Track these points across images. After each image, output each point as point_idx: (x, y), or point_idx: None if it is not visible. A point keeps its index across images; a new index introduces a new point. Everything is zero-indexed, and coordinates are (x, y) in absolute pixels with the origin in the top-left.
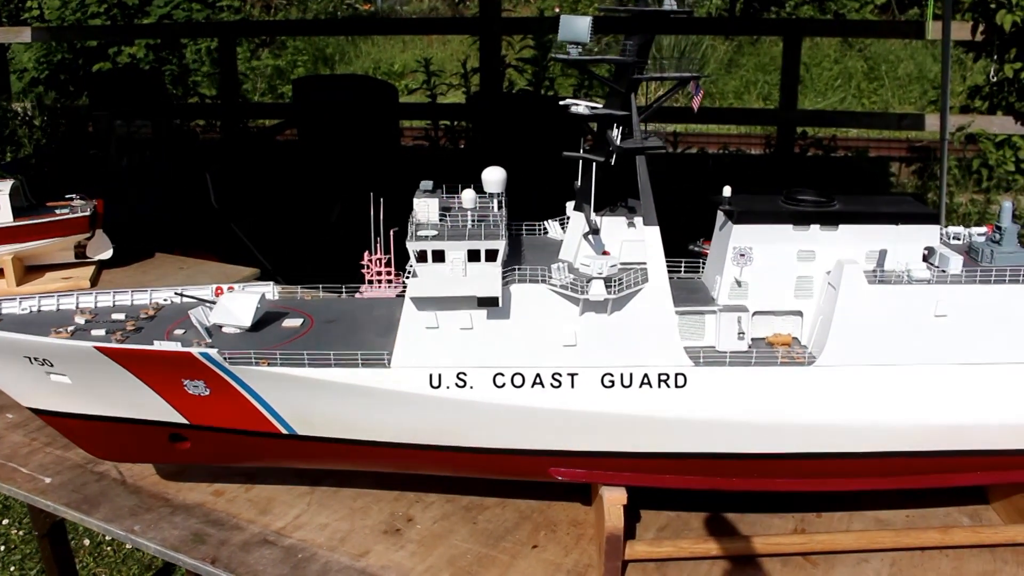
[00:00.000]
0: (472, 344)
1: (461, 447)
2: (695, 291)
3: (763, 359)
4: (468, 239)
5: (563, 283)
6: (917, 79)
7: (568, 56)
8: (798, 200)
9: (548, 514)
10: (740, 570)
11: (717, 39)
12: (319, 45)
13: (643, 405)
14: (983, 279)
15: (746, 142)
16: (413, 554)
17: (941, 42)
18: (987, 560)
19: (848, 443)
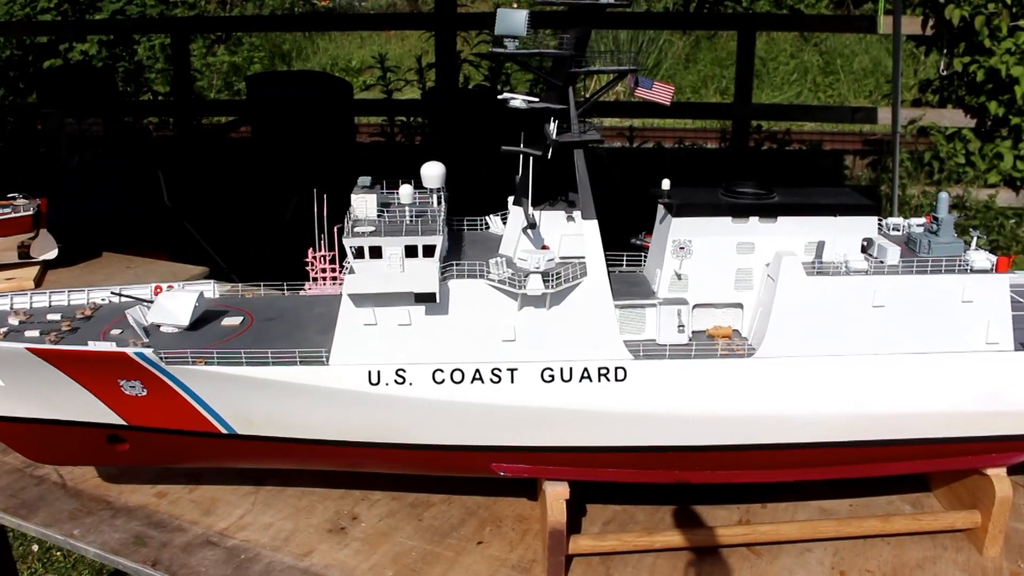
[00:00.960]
0: (411, 340)
1: (402, 444)
2: (636, 285)
3: (703, 352)
4: (405, 235)
5: (501, 278)
6: (872, 73)
7: (505, 50)
8: (737, 192)
9: (494, 510)
10: (685, 562)
11: (675, 34)
12: (276, 41)
13: (583, 399)
14: (919, 269)
15: (702, 136)
16: (357, 552)
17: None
18: (927, 547)
19: (788, 434)
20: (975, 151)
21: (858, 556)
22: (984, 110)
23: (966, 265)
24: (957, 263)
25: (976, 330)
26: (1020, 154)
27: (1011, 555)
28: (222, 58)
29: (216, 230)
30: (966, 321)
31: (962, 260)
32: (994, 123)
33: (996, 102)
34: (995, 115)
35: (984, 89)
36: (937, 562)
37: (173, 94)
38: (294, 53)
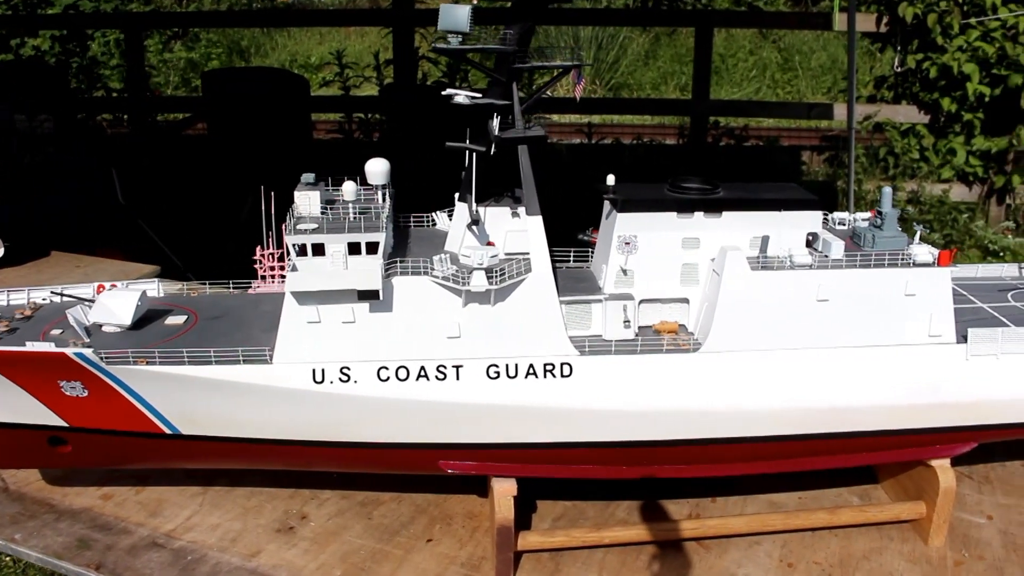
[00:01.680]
0: (355, 338)
1: (348, 442)
2: (582, 280)
3: (649, 347)
4: (348, 232)
5: (445, 275)
6: (830, 70)
7: (448, 46)
8: (682, 188)
9: (444, 507)
10: (634, 557)
11: (635, 31)
12: (234, 38)
13: (529, 396)
14: (863, 263)
15: (660, 132)
16: (306, 552)
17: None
18: (874, 538)
19: (735, 428)
20: (929, 147)
21: (806, 548)
22: (937, 106)
23: (909, 259)
24: (900, 257)
25: (919, 323)
26: (972, 150)
27: (955, 544)
28: (179, 54)
29: (172, 228)
30: (909, 314)
31: (905, 254)
32: (947, 119)
33: (949, 98)
34: (948, 111)
35: (937, 86)
36: (883, 553)
37: (127, 90)
38: (252, 49)
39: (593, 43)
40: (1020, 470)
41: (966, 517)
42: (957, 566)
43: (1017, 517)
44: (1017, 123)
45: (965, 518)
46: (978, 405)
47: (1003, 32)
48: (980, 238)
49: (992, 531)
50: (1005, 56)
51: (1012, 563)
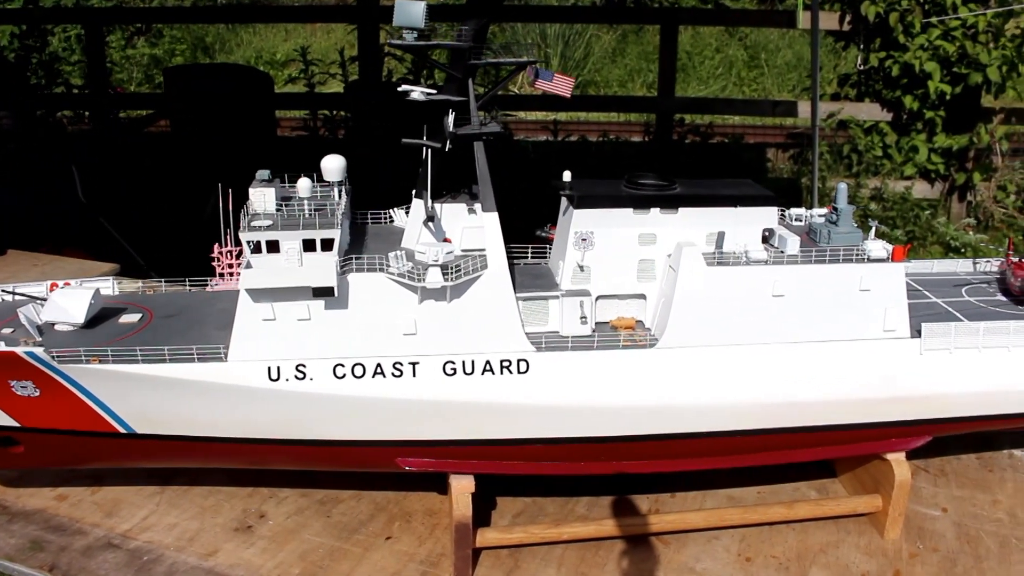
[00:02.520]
0: (311, 335)
1: (304, 440)
2: (540, 277)
3: (605, 343)
4: (303, 228)
5: (401, 271)
6: (795, 67)
7: (403, 42)
8: (639, 184)
9: (404, 505)
10: (592, 553)
11: (602, 28)
12: (199, 34)
13: (486, 392)
14: (818, 259)
15: (626, 130)
16: (264, 551)
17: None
18: (831, 531)
19: (692, 424)
20: (892, 144)
21: (764, 542)
22: (900, 104)
23: (863, 254)
24: (855, 253)
25: (874, 318)
26: (934, 147)
27: (910, 537)
28: (142, 50)
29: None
30: (864, 309)
31: (859, 250)
32: (909, 117)
33: (911, 96)
34: (910, 109)
35: (899, 84)
36: (840, 546)
37: (88, 87)
38: (217, 46)
39: (560, 40)
40: (975, 463)
41: (921, 510)
42: (912, 558)
43: (971, 509)
44: (977, 121)
45: (920, 511)
46: (932, 399)
47: (963, 31)
48: (942, 234)
49: (946, 523)
50: (965, 55)
51: (965, 554)
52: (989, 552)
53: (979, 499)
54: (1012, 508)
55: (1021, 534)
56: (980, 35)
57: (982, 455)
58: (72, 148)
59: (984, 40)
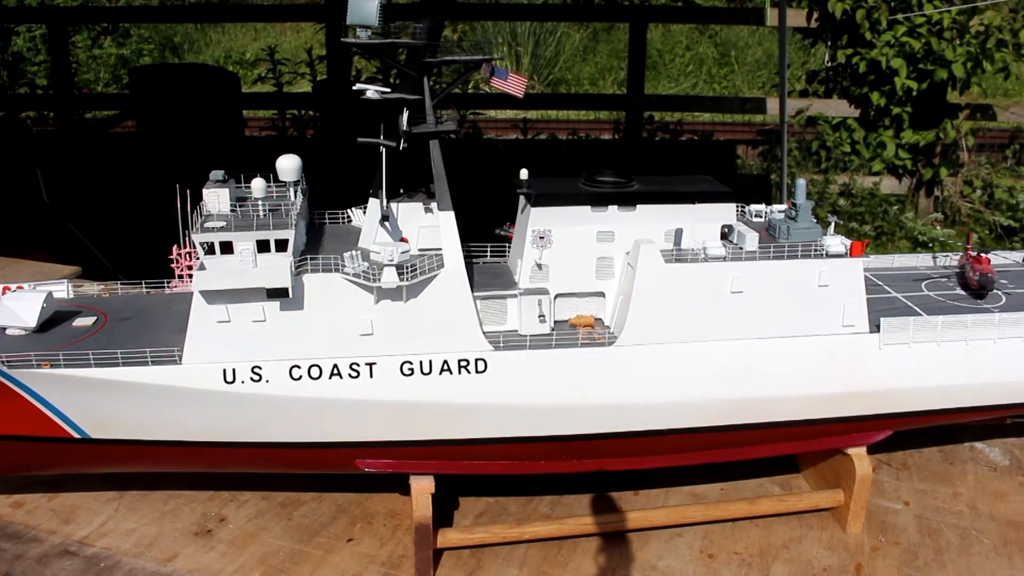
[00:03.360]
0: (266, 337)
1: (261, 443)
2: (498, 275)
3: (564, 341)
4: (257, 229)
5: (356, 272)
6: (765, 65)
7: (357, 39)
8: (597, 181)
9: (365, 506)
10: (555, 552)
11: (573, 26)
12: (167, 34)
13: (444, 392)
14: (776, 255)
15: (596, 128)
16: (223, 555)
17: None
18: (794, 526)
19: (652, 421)
20: (860, 140)
21: (727, 539)
22: (867, 100)
23: (822, 250)
24: (813, 248)
25: (832, 313)
26: (901, 143)
27: (872, 531)
28: (109, 50)
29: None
30: (823, 305)
31: (818, 245)
32: (877, 113)
33: (878, 93)
34: (877, 105)
35: (866, 80)
36: (803, 541)
37: (52, 87)
38: (186, 46)
39: (531, 39)
40: (936, 456)
41: (884, 504)
42: (873, 551)
43: (932, 502)
44: (943, 117)
45: (883, 504)
46: (891, 393)
47: (928, 28)
48: (910, 230)
49: (908, 516)
50: (931, 51)
51: (926, 547)
52: (950, 544)
53: (940, 492)
54: (973, 500)
55: (981, 526)
56: (945, 32)
57: (944, 448)
58: (36, 149)
59: (949, 37)
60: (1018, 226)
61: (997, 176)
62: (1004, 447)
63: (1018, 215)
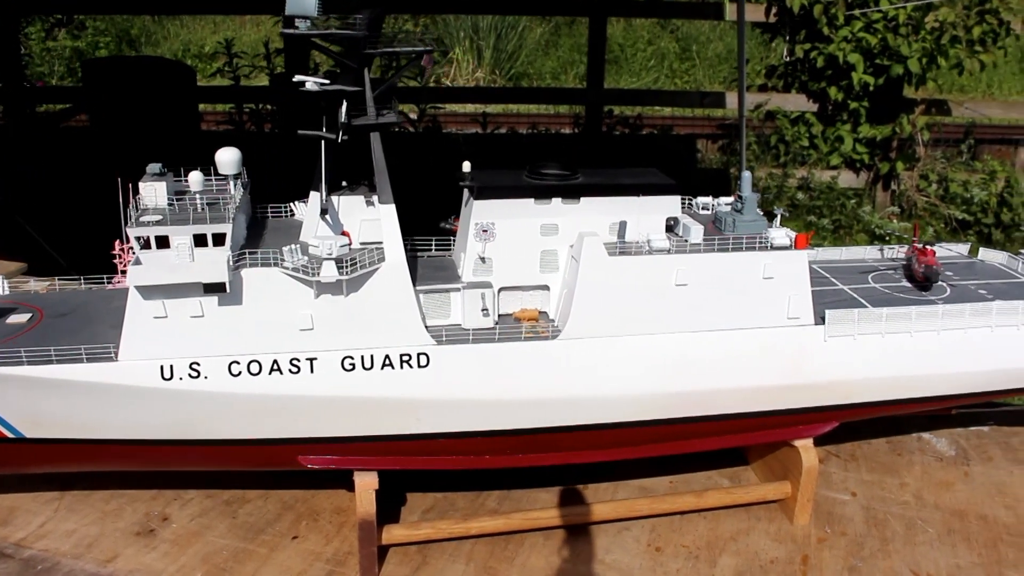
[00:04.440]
0: (204, 332)
1: (201, 440)
2: (442, 269)
3: (507, 335)
4: (193, 223)
5: (295, 266)
6: (726, 59)
7: (296, 30)
8: (541, 174)
9: (312, 503)
10: (502, 547)
11: (534, 20)
12: (123, 26)
13: (386, 387)
14: (721, 247)
15: (556, 122)
16: (165, 555)
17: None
18: (742, 519)
19: (596, 415)
20: (818, 134)
21: (674, 532)
22: (825, 95)
23: (766, 242)
24: (758, 241)
25: (778, 305)
26: (859, 137)
27: (819, 522)
28: (64, 43)
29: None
30: (768, 297)
31: (763, 238)
32: (834, 108)
33: (836, 87)
34: (835, 100)
35: (824, 75)
36: (750, 533)
37: (2, 80)
38: (143, 39)
39: (492, 33)
40: (884, 447)
41: (831, 495)
42: (820, 542)
43: (879, 493)
44: (900, 112)
45: (830, 495)
46: (837, 385)
47: (885, 24)
48: (867, 223)
49: (855, 507)
50: (887, 47)
51: (872, 537)
52: (895, 534)
53: (887, 482)
54: (919, 490)
55: (926, 515)
56: (901, 28)
57: (892, 439)
58: None
59: (905, 32)
60: (972, 219)
61: (952, 170)
62: (951, 437)
63: (972, 209)
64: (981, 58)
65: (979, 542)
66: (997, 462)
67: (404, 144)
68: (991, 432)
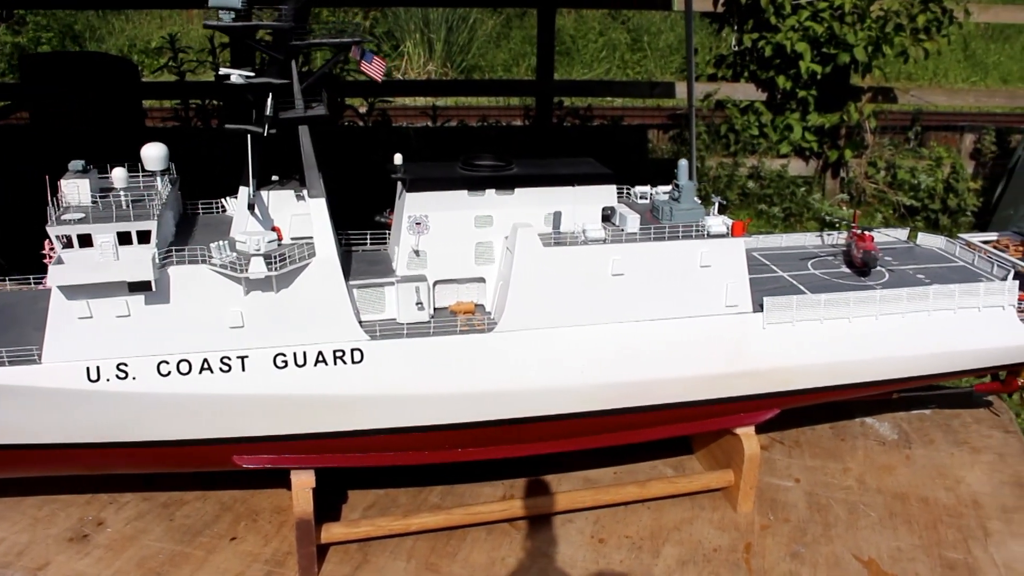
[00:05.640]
0: (132, 332)
1: (133, 443)
2: (376, 263)
3: (442, 328)
4: (117, 221)
5: (223, 262)
6: (678, 50)
7: (220, 23)
8: (474, 165)
9: (251, 503)
10: (444, 543)
11: (486, 12)
12: (67, 21)
13: (320, 384)
14: (657, 236)
15: (507, 114)
16: (99, 560)
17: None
18: (686, 508)
19: (534, 408)
20: (767, 123)
21: (618, 523)
22: (774, 84)
23: (703, 231)
24: (694, 229)
25: (715, 294)
26: (808, 126)
27: (763, 509)
28: (4, 38)
29: None
30: (705, 285)
31: (699, 226)
32: (783, 96)
33: (784, 76)
34: (784, 89)
35: (772, 64)
36: (694, 522)
37: None
38: (87, 34)
39: (444, 25)
40: (828, 433)
41: (775, 481)
42: (763, 530)
43: (822, 478)
44: (847, 100)
45: (774, 482)
46: (776, 372)
47: (831, 12)
48: (817, 210)
49: (798, 493)
50: (834, 36)
51: (815, 523)
52: (838, 519)
53: (831, 468)
54: (861, 475)
55: (869, 500)
56: (847, 16)
57: (836, 425)
58: None
59: (851, 21)
60: (920, 205)
61: (900, 157)
62: (893, 421)
63: (920, 195)
64: (925, 46)
65: (920, 524)
66: (938, 444)
67: (353, 138)
68: (933, 415)
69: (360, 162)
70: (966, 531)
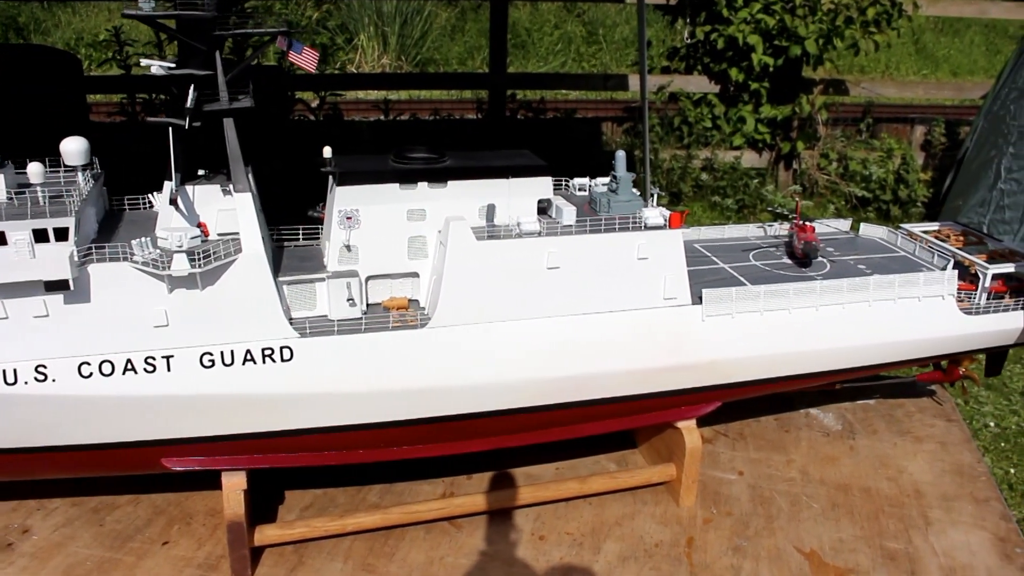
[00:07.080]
0: (50, 333)
1: (55, 447)
2: (308, 259)
3: (374, 325)
4: (32, 217)
5: (145, 260)
6: (633, 43)
7: (139, 12)
8: (406, 158)
9: (185, 506)
10: (382, 543)
11: (440, 5)
12: (10, 13)
13: (249, 383)
14: (593, 229)
15: (460, 107)
16: (23, 569)
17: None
18: (628, 503)
19: (469, 404)
20: (720, 115)
21: (559, 519)
22: (726, 76)
23: (640, 222)
24: (631, 221)
25: (653, 286)
26: (760, 118)
27: (705, 502)
28: None
29: None
30: (643, 278)
31: (636, 218)
32: (736, 89)
33: (737, 69)
34: (736, 81)
35: (725, 56)
36: (636, 517)
37: None
38: (32, 27)
39: (398, 18)
40: (773, 424)
41: (718, 475)
42: (706, 524)
43: (765, 470)
44: (799, 92)
45: (717, 475)
46: (716, 365)
47: (782, 5)
48: (771, 202)
49: (742, 486)
50: (785, 28)
51: (758, 515)
52: (781, 511)
53: (774, 460)
54: (804, 466)
55: (811, 491)
56: (798, 9)
57: (780, 416)
58: None
59: (802, 14)
60: (871, 196)
61: (851, 149)
62: (837, 412)
63: (871, 186)
64: (875, 39)
65: (862, 515)
66: (881, 435)
67: (304, 133)
68: (877, 405)
69: (310, 157)
70: (907, 520)
